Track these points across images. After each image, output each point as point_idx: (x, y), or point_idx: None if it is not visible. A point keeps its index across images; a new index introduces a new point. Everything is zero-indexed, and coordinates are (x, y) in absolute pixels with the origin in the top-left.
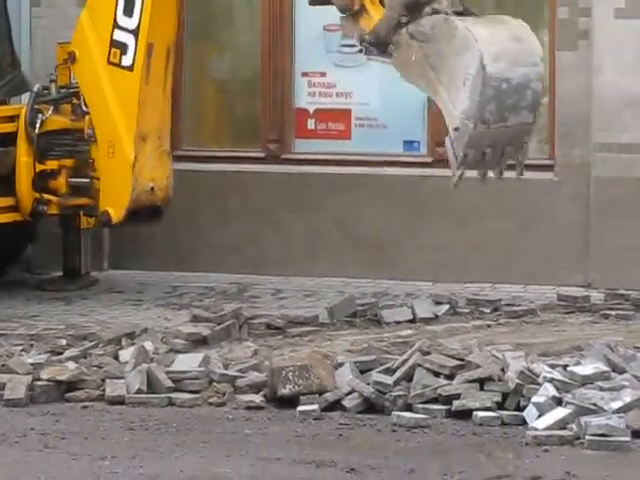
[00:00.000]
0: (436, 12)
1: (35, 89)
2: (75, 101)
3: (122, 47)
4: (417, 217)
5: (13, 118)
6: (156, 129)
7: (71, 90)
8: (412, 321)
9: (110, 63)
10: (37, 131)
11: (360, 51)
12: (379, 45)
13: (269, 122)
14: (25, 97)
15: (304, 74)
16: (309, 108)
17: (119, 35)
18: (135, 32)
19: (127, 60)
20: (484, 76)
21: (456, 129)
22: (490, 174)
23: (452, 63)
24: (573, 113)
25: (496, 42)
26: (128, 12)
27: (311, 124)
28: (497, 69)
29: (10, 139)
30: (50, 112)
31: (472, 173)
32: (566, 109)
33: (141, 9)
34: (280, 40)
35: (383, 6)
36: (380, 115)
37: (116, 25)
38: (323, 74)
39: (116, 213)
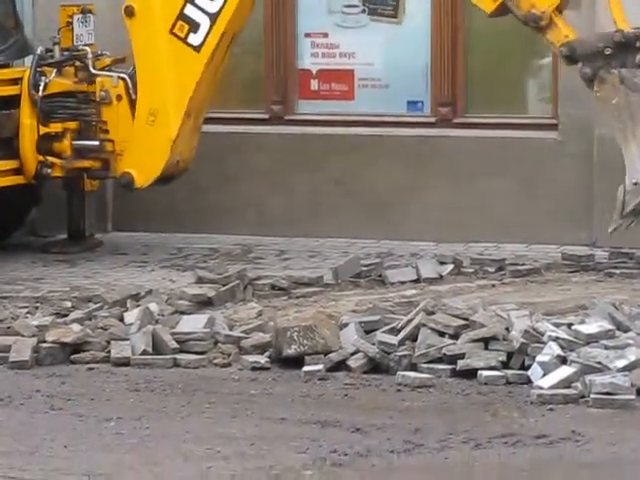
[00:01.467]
0: None
1: (38, 52)
2: (79, 63)
3: (192, 24)
4: (421, 177)
5: (16, 81)
6: (200, 107)
7: (75, 52)
8: (416, 281)
9: (173, 34)
10: (40, 94)
11: (363, 11)
12: (573, 61)
13: (272, 83)
14: (28, 60)
15: (307, 35)
16: (312, 69)
17: (191, 11)
18: (212, 17)
19: (195, 40)
20: None
21: (635, 184)
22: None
23: None
24: (576, 72)
25: None
26: None
27: (314, 85)
28: None
29: (13, 102)
30: (53, 75)
31: (474, 132)
32: (569, 68)
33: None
34: (282, 1)
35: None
36: (383, 75)
37: (191, 2)
38: (326, 35)
39: (142, 179)
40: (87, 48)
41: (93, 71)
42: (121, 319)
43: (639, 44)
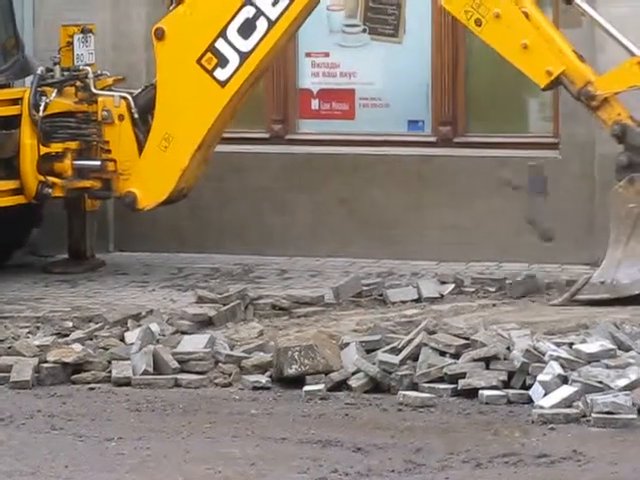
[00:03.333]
0: None
1: (39, 72)
2: (80, 83)
3: (221, 59)
4: (421, 197)
5: (17, 101)
6: (213, 139)
7: (75, 73)
8: (418, 300)
9: (200, 64)
10: (41, 114)
11: (364, 31)
12: (621, 142)
13: (273, 103)
14: (29, 80)
15: (307, 54)
16: (313, 88)
17: (222, 46)
18: (244, 56)
19: (222, 75)
20: None
21: (602, 282)
22: None
23: None
24: None
25: None
26: (244, 34)
27: (315, 104)
28: None
29: (14, 122)
30: (54, 95)
31: (475, 152)
32: None
33: (261, 39)
34: None
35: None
36: (384, 95)
37: (223, 36)
38: (326, 54)
39: (146, 201)
40: (88, 68)
41: (94, 91)
42: (122, 339)
43: None
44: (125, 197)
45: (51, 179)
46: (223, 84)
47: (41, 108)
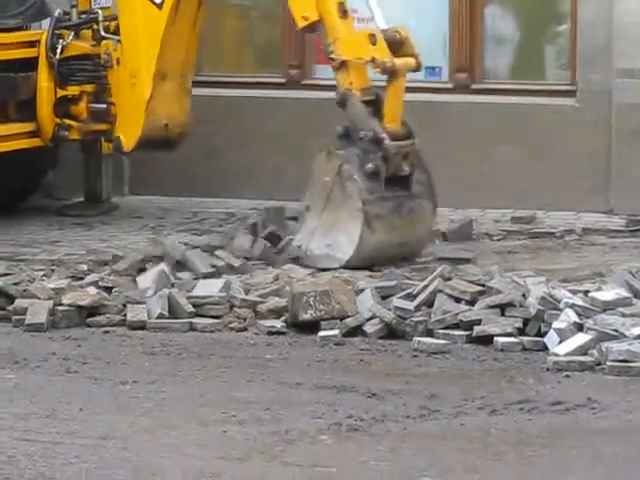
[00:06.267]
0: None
1: (56, 14)
2: (95, 26)
3: None
4: (438, 143)
5: (34, 43)
6: (179, 68)
7: (92, 15)
8: None
9: None
10: (58, 57)
11: None
12: (341, 106)
13: (290, 48)
14: (46, 22)
15: None
16: None
17: None
18: None
19: None
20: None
21: (299, 247)
22: None
23: (340, 219)
24: (594, 39)
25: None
26: None
27: None
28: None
29: (31, 64)
30: (71, 37)
31: (492, 99)
32: (587, 35)
33: None
34: None
35: None
36: None
37: None
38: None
39: (127, 142)
40: (99, 11)
41: (103, 34)
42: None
43: (381, 147)
44: (115, 142)
45: (67, 122)
46: (159, 6)
47: (58, 51)
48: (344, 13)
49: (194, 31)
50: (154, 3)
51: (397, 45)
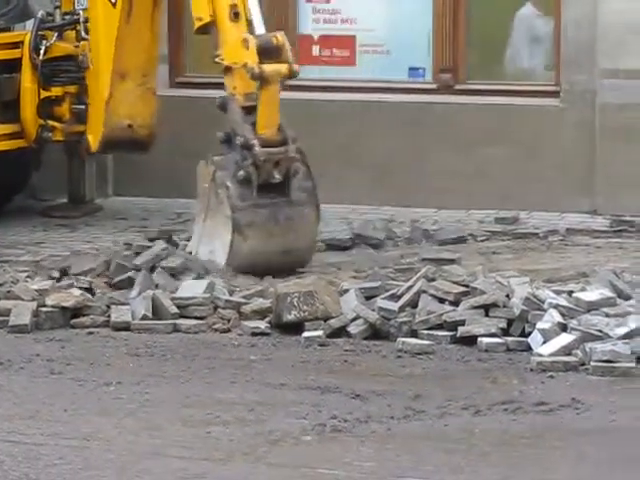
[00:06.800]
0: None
1: (39, 15)
2: (79, 27)
3: None
4: (422, 144)
5: (17, 45)
6: (139, 68)
7: (75, 16)
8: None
9: None
10: (41, 57)
11: None
12: (222, 110)
13: None
14: (29, 23)
15: (308, 0)
16: (314, 34)
17: None
18: None
19: None
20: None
21: (190, 253)
22: None
23: (216, 226)
24: (578, 39)
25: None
26: None
27: (316, 50)
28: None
29: (14, 66)
30: (54, 38)
31: (475, 99)
32: (571, 35)
33: None
34: None
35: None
36: (385, 41)
37: None
38: (327, 0)
39: (93, 142)
40: (81, 12)
41: (83, 35)
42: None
43: (250, 155)
44: (82, 142)
45: (51, 123)
46: (114, 4)
47: (41, 52)
48: (235, 16)
49: (153, 32)
50: (110, 1)
51: (274, 51)
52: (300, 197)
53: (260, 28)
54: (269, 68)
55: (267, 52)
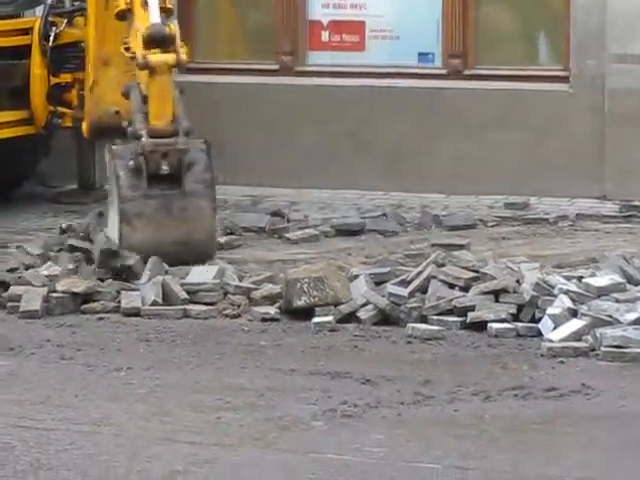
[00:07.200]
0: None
1: (49, 2)
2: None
3: None
4: (431, 129)
5: (27, 31)
6: (121, 54)
7: (84, 2)
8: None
9: None
10: (51, 44)
11: None
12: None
13: (282, 34)
14: (39, 10)
15: None
16: (323, 20)
17: None
18: None
19: None
20: None
21: (107, 238)
22: None
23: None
24: (588, 24)
25: None
26: None
27: (325, 36)
28: None
29: (24, 52)
30: (64, 25)
31: (485, 84)
32: (581, 20)
33: None
34: None
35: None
36: (394, 27)
37: None
38: None
39: (85, 128)
40: None
41: None
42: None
43: (139, 146)
44: (78, 127)
45: (61, 109)
46: None
47: (51, 38)
48: (145, 4)
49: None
50: None
51: (165, 40)
52: (195, 189)
53: (155, 17)
54: (155, 58)
55: (159, 42)
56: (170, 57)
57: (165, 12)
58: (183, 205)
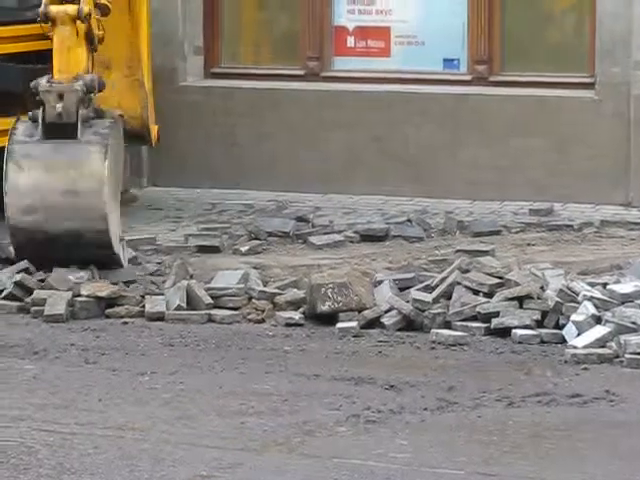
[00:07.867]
0: None
1: None
2: None
3: None
4: (456, 135)
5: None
6: (123, 58)
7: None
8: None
9: None
10: None
11: None
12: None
13: (309, 40)
14: None
15: None
16: (349, 26)
17: None
18: None
19: None
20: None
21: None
22: None
23: None
24: (613, 31)
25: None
26: None
27: (350, 42)
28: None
29: (47, 57)
30: None
31: (510, 91)
32: (607, 27)
33: None
34: None
35: None
36: (420, 33)
37: None
38: None
39: None
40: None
41: None
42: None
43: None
44: None
45: None
46: None
47: None
48: None
49: (133, 21)
50: None
51: None
52: (90, 139)
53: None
54: (55, 8)
55: None
56: (70, 7)
57: None
58: (73, 151)
